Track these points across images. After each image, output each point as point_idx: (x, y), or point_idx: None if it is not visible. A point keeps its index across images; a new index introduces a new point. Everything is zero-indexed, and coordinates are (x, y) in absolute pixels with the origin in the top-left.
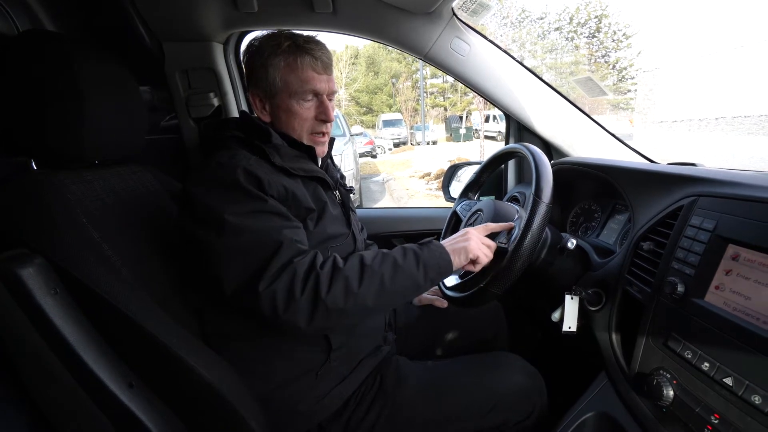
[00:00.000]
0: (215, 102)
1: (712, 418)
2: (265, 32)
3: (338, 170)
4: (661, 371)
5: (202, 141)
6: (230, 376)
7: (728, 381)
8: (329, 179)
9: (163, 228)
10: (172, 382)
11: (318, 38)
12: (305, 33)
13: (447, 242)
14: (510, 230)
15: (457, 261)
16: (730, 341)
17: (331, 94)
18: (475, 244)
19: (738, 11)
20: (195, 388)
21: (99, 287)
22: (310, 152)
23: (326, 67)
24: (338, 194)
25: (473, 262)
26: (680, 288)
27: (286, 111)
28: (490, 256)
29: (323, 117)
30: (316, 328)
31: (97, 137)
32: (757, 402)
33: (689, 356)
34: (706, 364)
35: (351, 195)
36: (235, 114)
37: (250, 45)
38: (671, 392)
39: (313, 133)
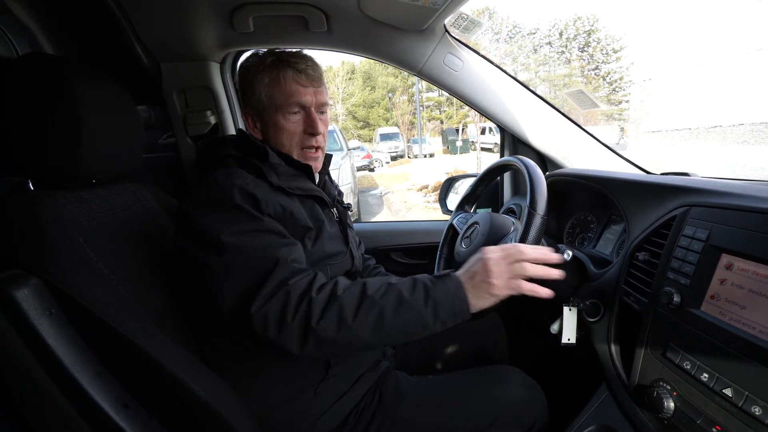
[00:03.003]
0: (212, 120)
1: (714, 429)
2: (252, 52)
3: (336, 187)
4: (661, 382)
5: (199, 159)
6: (228, 395)
7: (728, 392)
8: (326, 197)
9: (161, 246)
10: (169, 401)
11: (305, 52)
12: (294, 49)
13: (466, 276)
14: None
15: (481, 302)
16: (727, 351)
17: (320, 106)
18: (499, 282)
19: (725, 23)
20: (192, 408)
21: (95, 307)
22: (307, 171)
23: (312, 79)
24: (335, 211)
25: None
26: (676, 298)
27: (274, 126)
28: (525, 274)
29: (311, 130)
30: (309, 355)
31: (94, 157)
32: (757, 413)
33: (688, 367)
34: (705, 374)
35: (349, 212)
36: (232, 131)
37: (240, 67)
38: (672, 404)
39: (304, 147)
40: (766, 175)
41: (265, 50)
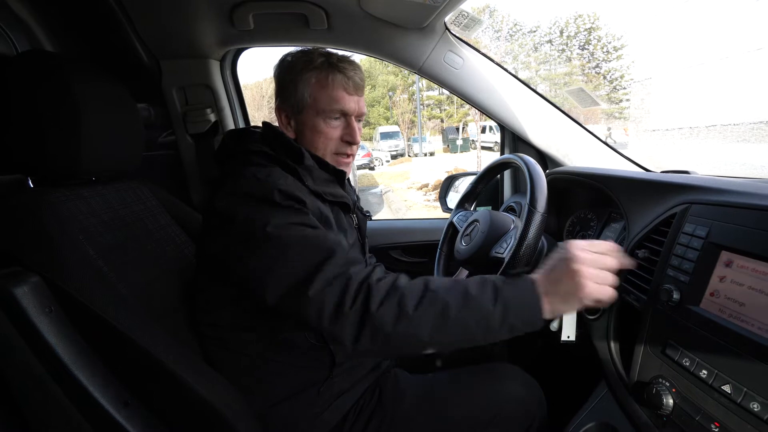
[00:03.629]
0: (212, 118)
1: (713, 426)
2: (297, 48)
3: (354, 191)
4: (660, 379)
5: (220, 151)
6: (229, 394)
7: (726, 388)
8: (350, 203)
9: (161, 244)
10: (169, 400)
11: (354, 59)
12: (339, 52)
13: (548, 279)
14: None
15: (564, 308)
16: (726, 348)
17: (360, 116)
18: (590, 286)
19: (725, 22)
20: (192, 406)
21: (95, 305)
22: (339, 176)
23: (357, 87)
24: (355, 218)
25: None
26: (676, 295)
27: (312, 128)
28: (612, 283)
29: (349, 138)
30: (361, 351)
31: (94, 154)
32: (756, 409)
33: (687, 364)
34: (704, 371)
35: (368, 220)
36: (231, 128)
37: (282, 60)
38: (671, 401)
39: (337, 153)
40: (766, 173)
41: (309, 48)
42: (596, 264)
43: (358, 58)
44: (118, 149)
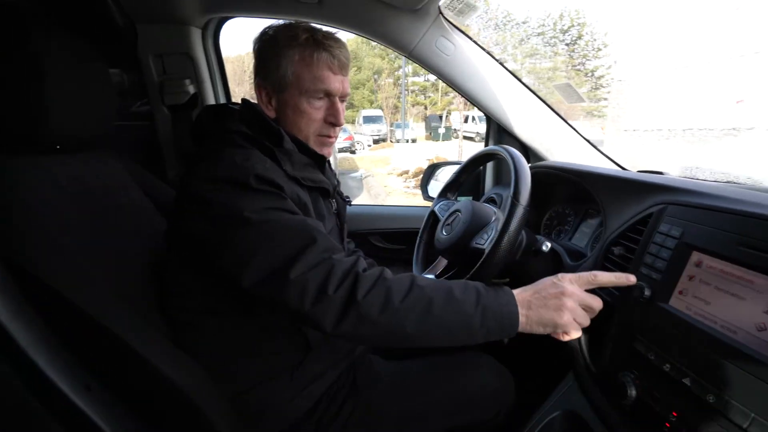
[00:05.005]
0: (191, 89)
1: (671, 416)
2: (279, 21)
3: (335, 175)
4: (626, 371)
5: (195, 128)
6: (199, 378)
7: (686, 381)
8: (330, 188)
9: (133, 220)
10: (136, 383)
11: (338, 36)
12: (325, 28)
13: (533, 298)
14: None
15: (537, 329)
16: (690, 344)
17: (344, 96)
18: (567, 318)
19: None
20: (160, 390)
21: (55, 282)
22: (320, 161)
23: (343, 66)
24: (334, 203)
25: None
26: (647, 292)
27: (294, 108)
28: (586, 324)
29: (332, 120)
30: (341, 334)
31: (58, 119)
32: (711, 401)
33: (652, 358)
34: (668, 365)
35: (348, 205)
36: (212, 102)
37: (263, 33)
38: (634, 392)
39: (320, 135)
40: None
41: (292, 22)
42: (582, 303)
43: (345, 37)
44: (87, 115)
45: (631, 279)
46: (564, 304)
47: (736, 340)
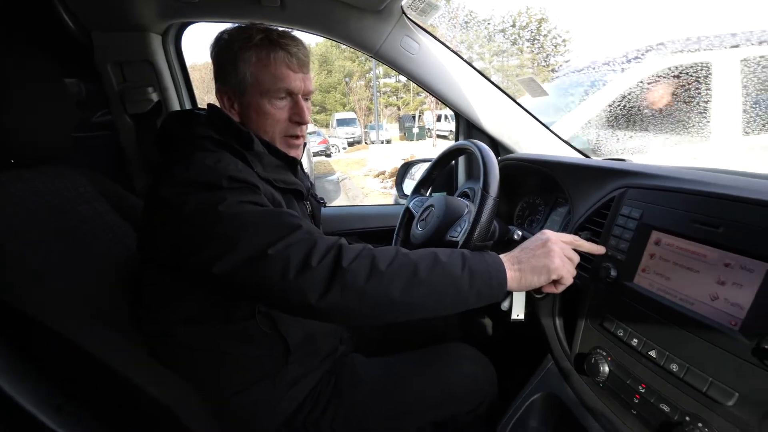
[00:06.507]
0: (154, 97)
1: (640, 387)
2: (234, 24)
3: (308, 177)
4: (598, 350)
5: (161, 135)
6: (179, 389)
7: (653, 353)
8: (304, 190)
9: (100, 234)
10: (112, 400)
11: (295, 34)
12: (280, 27)
13: (522, 254)
14: (597, 254)
15: (532, 280)
16: (653, 318)
17: (307, 94)
18: (559, 261)
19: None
20: (138, 405)
21: (21, 304)
22: (291, 163)
23: (302, 64)
24: (308, 205)
25: (555, 282)
26: (613, 272)
27: (257, 111)
28: (574, 273)
29: (297, 119)
30: (329, 306)
31: (11, 131)
32: (674, 370)
33: (621, 334)
34: (635, 340)
35: (322, 207)
36: (177, 109)
37: (219, 38)
38: (607, 368)
39: (287, 135)
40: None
41: (246, 24)
42: (566, 247)
43: (314, 40)
44: (43, 128)
45: (601, 250)
46: (552, 249)
47: (693, 311)
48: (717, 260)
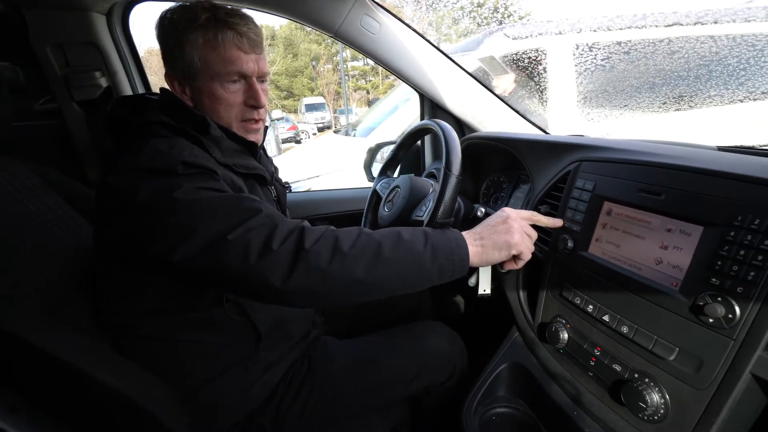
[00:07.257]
0: (103, 82)
1: (595, 350)
2: (177, 3)
3: (271, 162)
4: (559, 318)
5: (110, 121)
6: (143, 382)
7: (606, 318)
8: (267, 175)
9: (51, 228)
10: (71, 396)
11: (245, 11)
12: (228, 5)
13: (484, 230)
14: (555, 227)
15: (493, 255)
16: (606, 285)
17: (262, 75)
18: (519, 237)
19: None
20: (100, 400)
21: None
22: (251, 147)
23: (254, 44)
24: (273, 190)
25: (515, 258)
26: (570, 243)
27: (210, 95)
28: (532, 249)
29: (253, 102)
30: (294, 288)
31: None
32: (625, 331)
33: (578, 302)
34: (591, 306)
35: (287, 192)
36: (128, 93)
37: (162, 18)
38: (566, 335)
39: (244, 120)
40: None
41: (190, 3)
42: (524, 224)
43: (279, 23)
44: None
45: (558, 222)
46: (512, 226)
47: (640, 275)
48: (660, 226)
